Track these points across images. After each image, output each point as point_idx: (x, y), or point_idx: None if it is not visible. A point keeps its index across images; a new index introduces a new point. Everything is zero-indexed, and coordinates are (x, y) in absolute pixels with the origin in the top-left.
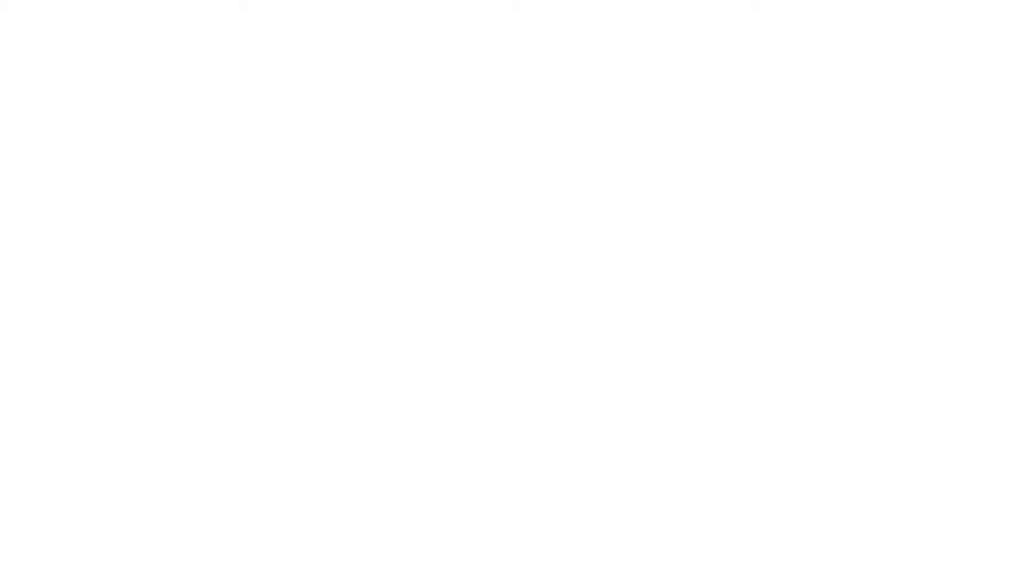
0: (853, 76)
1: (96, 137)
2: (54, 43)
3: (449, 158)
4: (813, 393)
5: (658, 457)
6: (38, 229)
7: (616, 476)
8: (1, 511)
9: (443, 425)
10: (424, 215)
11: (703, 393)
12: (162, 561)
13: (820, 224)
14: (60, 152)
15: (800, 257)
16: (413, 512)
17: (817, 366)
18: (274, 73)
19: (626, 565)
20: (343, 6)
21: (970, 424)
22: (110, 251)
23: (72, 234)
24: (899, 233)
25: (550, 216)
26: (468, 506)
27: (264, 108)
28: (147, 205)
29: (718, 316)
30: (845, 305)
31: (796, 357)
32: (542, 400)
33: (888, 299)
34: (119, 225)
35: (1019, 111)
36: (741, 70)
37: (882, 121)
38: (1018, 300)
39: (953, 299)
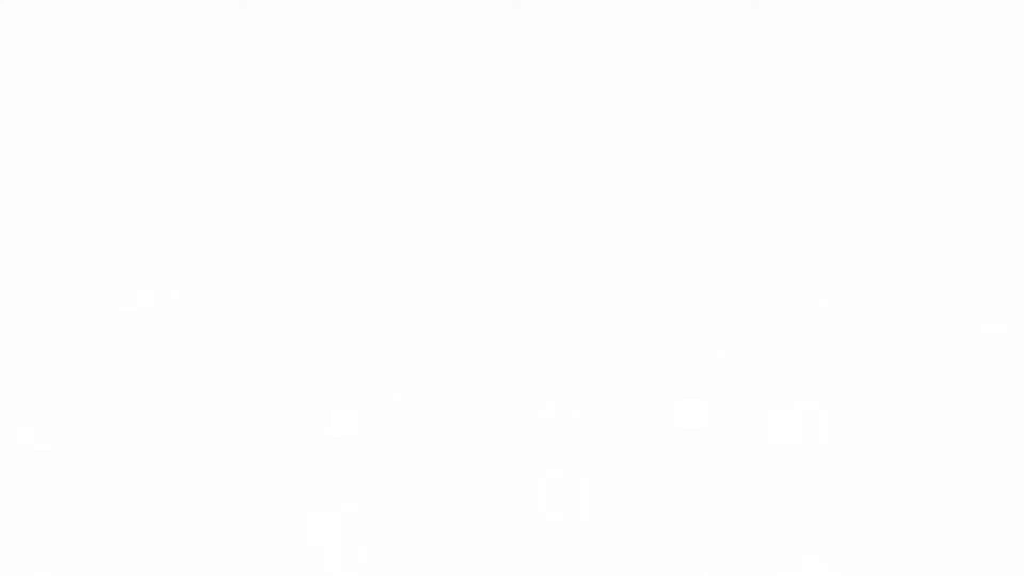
0: (853, 75)
1: (96, 136)
2: (54, 43)
3: (449, 157)
4: (812, 391)
5: (656, 455)
6: (38, 228)
7: (614, 475)
8: (1, 511)
9: (441, 424)
10: (423, 214)
11: (702, 391)
12: (162, 561)
13: (819, 222)
14: (60, 151)
15: (799, 256)
16: (412, 511)
17: (816, 364)
18: (274, 72)
19: (626, 565)
20: (343, 6)
21: (970, 423)
22: (110, 249)
23: (72, 232)
24: (898, 232)
25: (549, 214)
26: (467, 505)
27: (264, 107)
28: (147, 203)
29: (717, 315)
30: (844, 304)
31: (795, 355)
32: (541, 398)
33: (887, 298)
34: (119, 223)
35: (1019, 111)
36: (741, 69)
37: (881, 120)
38: (1018, 300)
39: (953, 298)
